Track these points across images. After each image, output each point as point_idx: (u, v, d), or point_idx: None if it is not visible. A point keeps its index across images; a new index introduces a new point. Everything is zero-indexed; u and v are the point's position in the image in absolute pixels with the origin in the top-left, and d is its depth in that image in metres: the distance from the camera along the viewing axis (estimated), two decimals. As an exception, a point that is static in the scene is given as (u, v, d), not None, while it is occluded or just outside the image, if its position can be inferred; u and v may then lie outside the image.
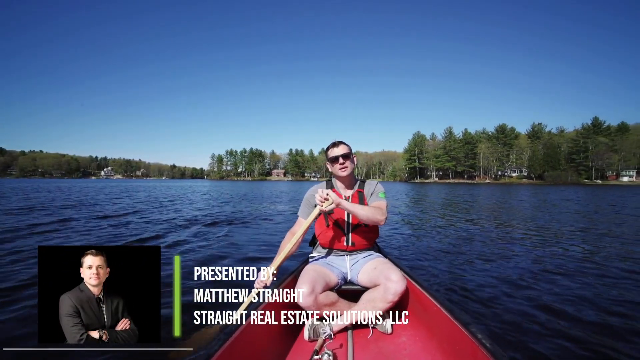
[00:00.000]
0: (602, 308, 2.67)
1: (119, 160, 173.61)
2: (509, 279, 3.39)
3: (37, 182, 54.72)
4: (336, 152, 1.99)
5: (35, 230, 6.37)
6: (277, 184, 61.04)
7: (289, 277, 1.94)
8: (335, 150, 2.00)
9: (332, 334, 1.65)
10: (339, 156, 1.97)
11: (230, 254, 4.55)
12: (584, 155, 74.60)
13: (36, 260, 1.19)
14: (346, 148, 2.01)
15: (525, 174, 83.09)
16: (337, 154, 1.98)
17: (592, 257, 4.50)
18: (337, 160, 1.97)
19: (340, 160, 1.97)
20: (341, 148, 2.00)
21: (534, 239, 5.91)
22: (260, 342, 1.48)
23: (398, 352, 1.60)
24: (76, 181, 68.07)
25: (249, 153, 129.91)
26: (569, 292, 3.02)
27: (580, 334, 2.22)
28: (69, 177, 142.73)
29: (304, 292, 1.66)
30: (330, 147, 2.05)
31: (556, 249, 5.03)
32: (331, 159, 2.00)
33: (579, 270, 3.74)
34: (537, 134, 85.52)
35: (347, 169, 1.98)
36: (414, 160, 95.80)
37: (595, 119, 77.63)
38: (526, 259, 4.36)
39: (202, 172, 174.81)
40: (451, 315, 1.40)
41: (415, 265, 3.92)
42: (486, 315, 2.52)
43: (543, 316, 2.51)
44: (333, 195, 1.76)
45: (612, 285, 3.26)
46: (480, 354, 1.12)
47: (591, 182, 71.02)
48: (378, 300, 1.72)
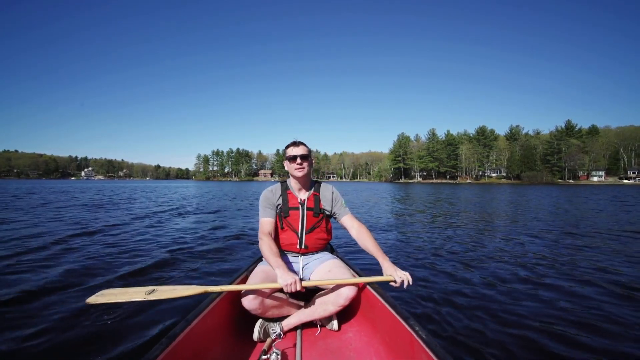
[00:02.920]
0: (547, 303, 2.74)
1: (100, 161, 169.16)
2: (466, 277, 3.44)
3: (11, 182, 52.34)
4: (295, 152, 1.93)
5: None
6: (264, 184, 61.19)
7: (239, 277, 1.91)
8: (295, 150, 1.94)
9: (282, 334, 1.68)
10: (297, 156, 1.91)
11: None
12: (558, 157, 78.59)
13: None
14: (305, 149, 1.96)
15: (504, 174, 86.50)
16: (296, 154, 1.91)
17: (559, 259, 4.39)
18: (295, 160, 1.91)
19: (298, 160, 1.90)
20: (300, 148, 1.94)
21: (497, 236, 5.99)
22: (206, 344, 1.44)
23: (344, 348, 1.64)
24: (54, 182, 65.73)
25: (236, 153, 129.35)
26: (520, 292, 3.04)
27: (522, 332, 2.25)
28: (47, 177, 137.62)
29: (249, 296, 1.62)
30: (290, 145, 1.98)
31: (522, 246, 5.12)
32: (289, 158, 1.93)
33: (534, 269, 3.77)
34: (515, 136, 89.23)
35: (304, 169, 1.92)
36: (399, 161, 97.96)
37: (568, 122, 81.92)
38: (488, 257, 4.35)
39: (187, 173, 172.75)
40: (394, 310, 1.48)
41: (370, 262, 3.51)
42: (433, 310, 2.57)
43: (486, 312, 2.55)
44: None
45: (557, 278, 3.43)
46: (417, 345, 1.23)
47: (564, 181, 74.77)
48: (330, 303, 1.71)
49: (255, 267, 1.94)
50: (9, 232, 5.92)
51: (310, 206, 1.97)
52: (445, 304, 2.70)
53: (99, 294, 1.56)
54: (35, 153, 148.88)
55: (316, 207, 1.98)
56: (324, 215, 2.01)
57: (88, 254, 4.26)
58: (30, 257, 4.10)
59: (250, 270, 1.97)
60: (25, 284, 3.07)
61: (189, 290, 1.58)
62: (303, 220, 1.94)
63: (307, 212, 1.95)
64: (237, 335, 1.71)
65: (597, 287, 3.18)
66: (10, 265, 3.68)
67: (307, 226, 1.95)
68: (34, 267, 3.63)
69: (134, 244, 4.99)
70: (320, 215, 1.98)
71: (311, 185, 2.06)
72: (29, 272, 3.48)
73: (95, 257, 4.14)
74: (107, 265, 3.75)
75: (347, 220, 2.01)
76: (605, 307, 2.71)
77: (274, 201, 1.98)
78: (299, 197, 1.98)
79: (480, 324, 2.34)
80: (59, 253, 4.33)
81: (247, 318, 1.75)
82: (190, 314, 1.38)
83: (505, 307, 2.65)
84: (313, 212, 1.96)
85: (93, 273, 3.44)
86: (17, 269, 3.58)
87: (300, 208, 1.95)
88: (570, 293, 3.03)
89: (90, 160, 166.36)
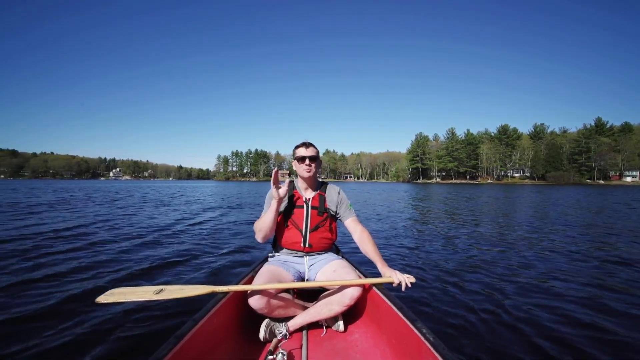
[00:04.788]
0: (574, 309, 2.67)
1: (127, 162, 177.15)
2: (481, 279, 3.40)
3: (51, 183, 55.15)
4: (304, 153, 1.97)
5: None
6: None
7: (245, 277, 1.93)
8: (304, 151, 1.98)
9: (288, 334, 1.67)
10: (306, 157, 1.96)
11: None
12: (587, 156, 74.82)
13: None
14: (315, 151, 2.01)
15: (528, 174, 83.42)
16: (305, 155, 1.96)
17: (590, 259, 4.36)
18: (304, 161, 1.96)
19: (307, 161, 1.95)
20: (310, 150, 1.99)
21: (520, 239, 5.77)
22: (214, 343, 1.46)
23: (350, 349, 1.63)
24: (85, 182, 69.66)
25: (254, 154, 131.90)
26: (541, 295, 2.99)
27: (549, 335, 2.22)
28: (79, 177, 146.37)
29: (256, 296, 1.63)
30: (299, 146, 2.03)
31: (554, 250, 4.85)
32: (298, 158, 1.98)
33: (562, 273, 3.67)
34: (539, 135, 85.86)
35: (312, 171, 1.97)
36: (417, 161, 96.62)
37: (598, 120, 77.81)
38: (503, 261, 4.23)
39: (208, 173, 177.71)
40: (401, 312, 1.47)
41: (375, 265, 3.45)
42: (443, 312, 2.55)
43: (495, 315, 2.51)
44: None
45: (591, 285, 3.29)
46: (425, 348, 1.21)
47: (594, 182, 71.18)
48: (335, 303, 1.72)
49: (261, 267, 1.94)
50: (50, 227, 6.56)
51: (315, 205, 2.00)
52: (455, 307, 2.64)
53: (108, 293, 1.57)
54: (69, 155, 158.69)
55: (321, 206, 2.01)
56: (329, 215, 2.04)
57: (104, 251, 4.54)
58: (51, 250, 4.48)
59: (256, 270, 1.98)
60: (39, 280, 3.20)
61: (196, 290, 1.60)
62: (307, 218, 1.97)
63: (311, 210, 1.99)
64: (244, 334, 1.73)
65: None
66: (29, 259, 3.97)
67: (312, 225, 1.97)
68: (52, 263, 3.87)
69: (150, 243, 5.17)
70: (325, 215, 2.02)
71: (318, 185, 2.10)
72: (46, 266, 3.70)
73: (109, 254, 4.36)
74: (117, 264, 3.87)
75: (350, 223, 2.04)
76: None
77: None
78: (304, 196, 2.03)
79: (491, 330, 2.28)
80: (77, 249, 4.62)
81: (253, 318, 1.77)
82: (198, 314, 1.40)
83: (520, 315, 2.53)
84: (317, 210, 2.00)
85: (104, 271, 3.58)
86: (37, 261, 3.88)
87: (304, 206, 1.99)
88: (592, 307, 2.74)
89: (117, 161, 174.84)
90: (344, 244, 3.79)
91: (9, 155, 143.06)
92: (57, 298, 2.74)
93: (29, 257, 4.09)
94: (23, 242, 4.97)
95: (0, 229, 6.29)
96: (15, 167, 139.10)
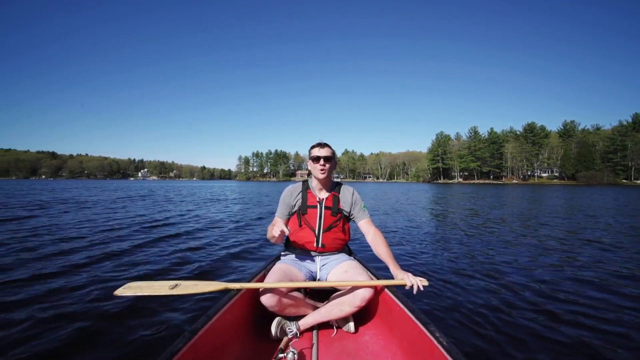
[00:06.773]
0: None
1: (154, 162, 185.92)
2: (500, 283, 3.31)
3: (84, 182, 57.81)
4: (319, 153, 1.98)
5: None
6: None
7: (258, 275, 1.94)
8: (319, 151, 1.99)
9: (298, 333, 1.69)
10: (321, 157, 1.96)
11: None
12: (622, 154, 70.34)
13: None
14: (330, 151, 2.01)
15: (557, 174, 79.68)
16: (320, 155, 1.96)
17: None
18: (319, 161, 1.96)
19: (322, 162, 1.96)
20: (325, 150, 1.99)
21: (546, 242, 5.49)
22: (226, 339, 1.49)
23: (361, 350, 1.62)
24: (119, 182, 73.14)
25: (274, 154, 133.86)
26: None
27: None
28: (111, 178, 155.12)
29: (267, 294, 1.65)
30: (315, 146, 2.04)
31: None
32: (313, 158, 1.99)
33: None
34: (569, 132, 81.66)
35: (326, 171, 1.97)
36: (437, 160, 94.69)
37: (636, 116, 72.84)
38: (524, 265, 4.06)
39: (229, 173, 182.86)
40: (413, 315, 1.45)
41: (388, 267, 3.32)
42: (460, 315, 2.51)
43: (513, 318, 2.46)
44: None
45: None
46: (438, 352, 1.19)
47: (630, 182, 66.82)
48: (346, 304, 1.71)
49: (273, 265, 1.97)
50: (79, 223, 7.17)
51: (329, 205, 2.01)
52: (469, 312, 2.58)
53: (126, 286, 1.60)
54: (101, 156, 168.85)
55: (334, 206, 2.02)
56: (342, 216, 2.04)
57: (123, 246, 4.80)
58: (71, 246, 4.82)
59: (268, 268, 2.01)
60: (62, 271, 3.49)
61: (210, 286, 1.62)
62: (321, 218, 1.98)
63: (325, 210, 2.00)
64: (255, 332, 1.75)
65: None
66: (52, 254, 4.27)
67: (325, 225, 1.98)
68: (73, 253, 4.25)
69: (166, 240, 5.42)
70: (338, 215, 2.02)
71: (332, 186, 2.10)
72: (67, 254, 4.13)
73: (129, 249, 4.62)
74: (138, 259, 4.09)
75: (364, 225, 2.04)
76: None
77: (291, 201, 2.06)
78: (318, 196, 2.04)
79: (507, 337, 2.22)
80: (97, 244, 4.98)
81: (264, 315, 1.80)
82: (211, 310, 1.42)
83: (539, 324, 2.43)
84: (331, 211, 2.01)
85: (124, 265, 3.81)
86: (61, 254, 4.22)
87: (318, 206, 2.01)
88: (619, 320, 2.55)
89: (145, 163, 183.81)
90: (356, 244, 3.78)
91: (49, 157, 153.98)
92: (83, 287, 2.99)
93: (93, 244, 4.82)
94: (108, 232, 5.89)
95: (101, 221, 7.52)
96: (54, 168, 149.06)
